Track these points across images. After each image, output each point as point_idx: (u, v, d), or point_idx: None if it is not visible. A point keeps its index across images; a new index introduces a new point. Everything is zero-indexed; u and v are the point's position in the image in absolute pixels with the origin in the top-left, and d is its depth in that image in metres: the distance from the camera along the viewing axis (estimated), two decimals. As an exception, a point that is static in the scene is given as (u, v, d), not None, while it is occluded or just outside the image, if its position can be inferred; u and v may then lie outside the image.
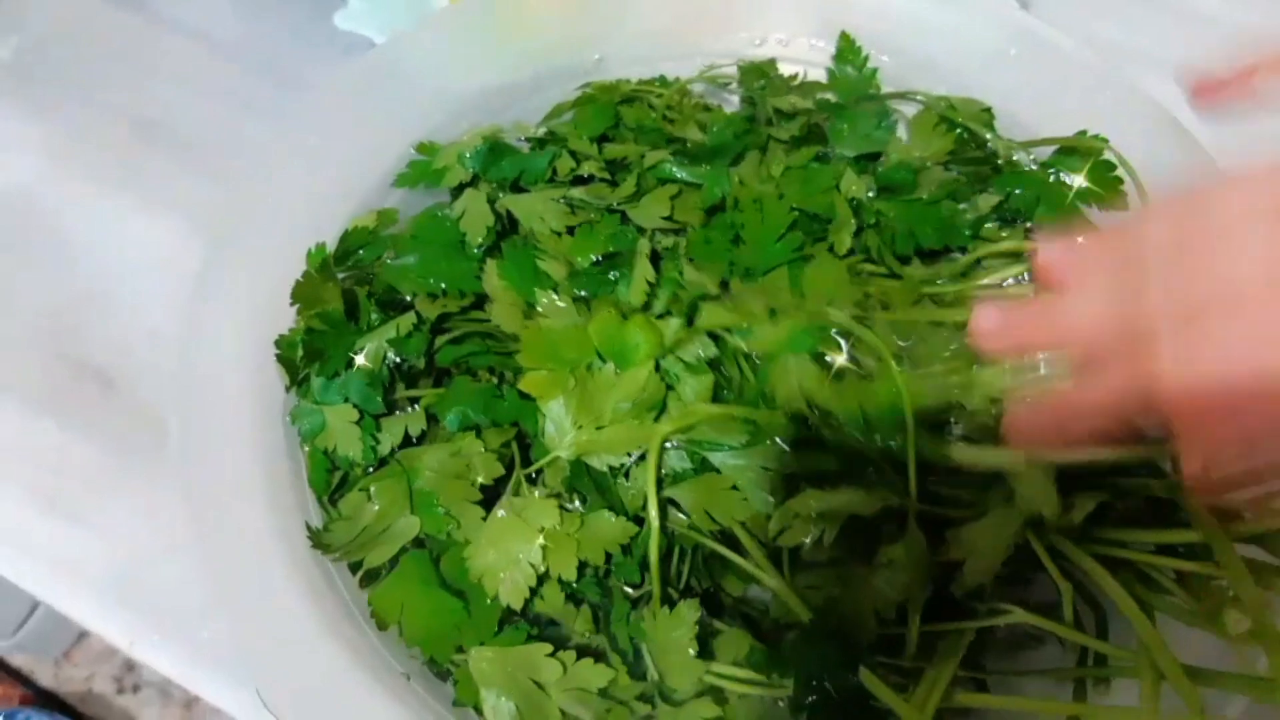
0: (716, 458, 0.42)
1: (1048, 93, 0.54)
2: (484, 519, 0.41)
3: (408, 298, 0.46)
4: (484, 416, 0.43)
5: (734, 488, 0.41)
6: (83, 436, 0.55)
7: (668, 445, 0.42)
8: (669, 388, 0.43)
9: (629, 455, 0.42)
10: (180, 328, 0.44)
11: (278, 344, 0.44)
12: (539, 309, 0.45)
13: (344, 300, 0.44)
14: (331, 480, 0.42)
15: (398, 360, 0.44)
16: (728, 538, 0.41)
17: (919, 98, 0.55)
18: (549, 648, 0.38)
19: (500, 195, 0.49)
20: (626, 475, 0.42)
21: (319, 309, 0.43)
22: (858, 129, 0.53)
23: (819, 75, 0.58)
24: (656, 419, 0.42)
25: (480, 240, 0.47)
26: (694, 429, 0.42)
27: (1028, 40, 0.55)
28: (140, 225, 0.63)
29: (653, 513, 0.40)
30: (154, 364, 0.58)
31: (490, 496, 0.42)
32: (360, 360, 0.44)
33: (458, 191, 0.51)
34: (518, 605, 0.39)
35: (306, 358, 0.43)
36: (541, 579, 0.40)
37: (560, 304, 0.45)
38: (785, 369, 0.43)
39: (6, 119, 0.67)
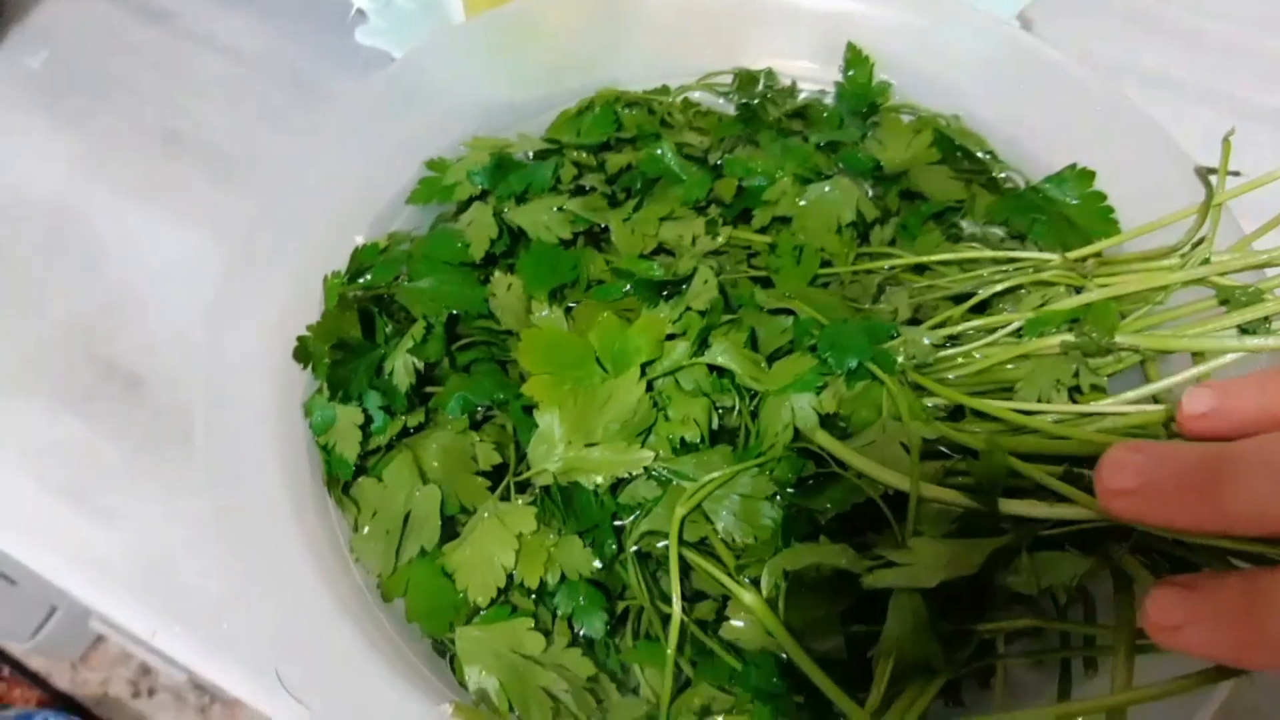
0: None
1: (1045, 110, 0.55)
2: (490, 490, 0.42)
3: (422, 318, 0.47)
4: (485, 399, 0.45)
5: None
6: (110, 434, 0.58)
7: (650, 473, 0.41)
8: (658, 408, 0.42)
9: (614, 478, 0.41)
10: (205, 329, 0.46)
11: (298, 349, 0.46)
12: (532, 318, 0.45)
13: (360, 321, 0.45)
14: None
15: (421, 368, 0.45)
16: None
17: (922, 112, 0.57)
18: (530, 622, 0.40)
19: (506, 209, 0.50)
20: (602, 497, 0.42)
21: (338, 339, 0.45)
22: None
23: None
24: (643, 444, 0.41)
25: (481, 253, 0.48)
26: (711, 494, 0.41)
27: (1027, 59, 0.56)
28: (167, 232, 0.65)
29: (675, 596, 0.40)
30: (180, 365, 0.60)
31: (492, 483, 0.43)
32: (397, 379, 0.44)
33: (465, 205, 0.52)
34: (484, 603, 0.40)
35: (331, 388, 0.44)
36: (510, 581, 0.40)
37: (551, 314, 0.45)
38: (783, 407, 0.41)
39: (38, 130, 0.70)
